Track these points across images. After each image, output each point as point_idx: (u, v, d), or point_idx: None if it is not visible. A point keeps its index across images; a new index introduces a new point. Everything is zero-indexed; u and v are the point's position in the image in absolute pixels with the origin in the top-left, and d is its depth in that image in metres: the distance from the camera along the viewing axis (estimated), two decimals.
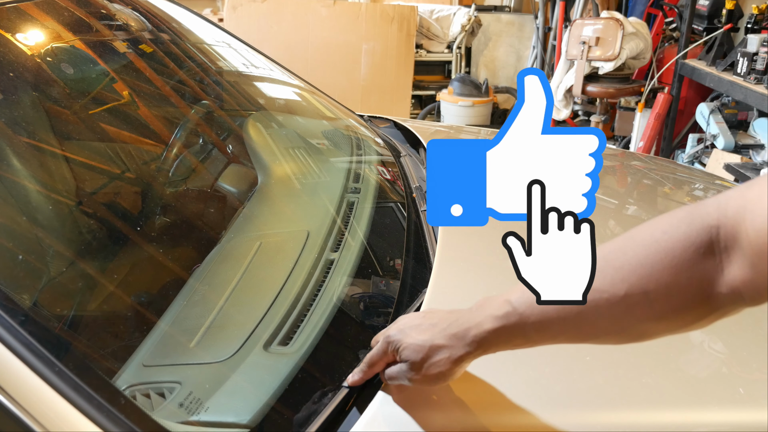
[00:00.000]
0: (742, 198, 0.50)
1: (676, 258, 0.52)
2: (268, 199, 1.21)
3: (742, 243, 0.49)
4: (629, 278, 0.54)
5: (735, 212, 0.50)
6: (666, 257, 0.52)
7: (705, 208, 0.53)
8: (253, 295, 0.94)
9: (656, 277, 0.53)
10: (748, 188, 0.51)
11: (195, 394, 0.74)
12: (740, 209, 0.50)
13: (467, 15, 4.66)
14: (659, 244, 0.53)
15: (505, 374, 0.79)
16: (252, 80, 1.75)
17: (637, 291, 0.54)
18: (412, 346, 0.67)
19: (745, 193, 0.51)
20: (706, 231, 0.51)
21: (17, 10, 1.10)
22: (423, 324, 0.69)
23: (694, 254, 0.52)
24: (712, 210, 0.52)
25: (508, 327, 0.61)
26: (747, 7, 3.33)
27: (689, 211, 0.54)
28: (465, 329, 0.64)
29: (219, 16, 4.53)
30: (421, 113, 4.69)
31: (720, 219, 0.51)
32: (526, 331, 0.60)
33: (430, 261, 1.04)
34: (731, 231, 0.50)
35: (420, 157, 1.60)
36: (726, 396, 0.79)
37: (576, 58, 3.68)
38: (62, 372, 0.62)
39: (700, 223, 0.52)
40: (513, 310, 0.60)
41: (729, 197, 0.52)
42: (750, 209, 0.49)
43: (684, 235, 0.52)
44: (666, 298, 0.53)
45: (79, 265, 0.88)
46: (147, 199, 1.07)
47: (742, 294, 0.51)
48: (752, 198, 0.49)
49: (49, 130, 1.00)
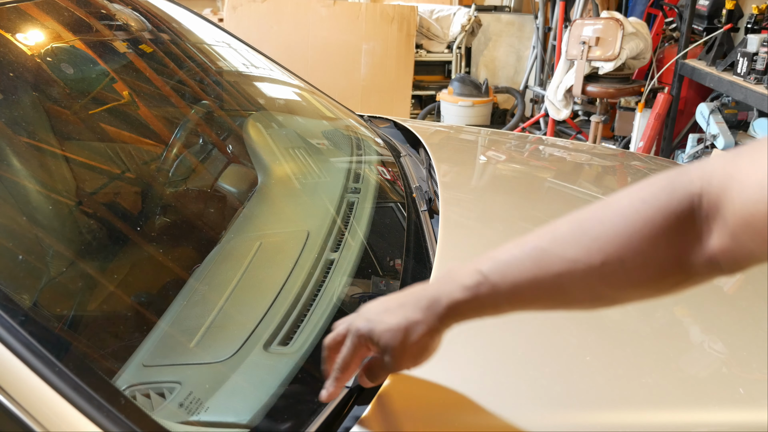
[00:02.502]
0: (729, 167, 0.49)
1: (656, 228, 0.51)
2: (268, 199, 1.21)
3: (725, 213, 0.48)
4: (606, 248, 0.53)
5: (720, 181, 0.49)
6: (645, 227, 0.51)
7: (687, 176, 0.51)
8: (253, 295, 0.94)
9: (634, 247, 0.52)
10: (735, 156, 0.49)
11: (195, 394, 0.74)
12: (726, 178, 0.49)
13: (467, 15, 4.66)
14: (639, 214, 0.52)
15: (506, 374, 0.79)
16: (252, 80, 1.75)
17: (614, 260, 0.52)
18: (388, 332, 0.63)
19: (732, 161, 0.49)
20: (688, 200, 0.50)
21: (17, 10, 1.10)
22: (390, 306, 0.65)
23: (674, 224, 0.50)
24: (695, 178, 0.51)
25: (480, 297, 0.59)
26: (747, 7, 3.33)
27: (671, 179, 0.52)
28: (435, 299, 0.61)
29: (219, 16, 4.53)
30: (421, 113, 4.69)
31: (703, 187, 0.50)
32: (498, 301, 0.59)
33: (430, 261, 1.04)
34: (714, 200, 0.49)
35: (420, 157, 1.60)
36: (726, 396, 0.79)
37: (576, 58, 3.68)
38: (62, 372, 0.62)
39: (682, 192, 0.51)
40: (484, 280, 0.59)
41: (714, 166, 0.50)
42: (737, 179, 0.48)
43: (665, 204, 0.51)
44: (643, 267, 0.52)
45: (79, 265, 0.88)
46: (147, 199, 1.07)
47: (720, 263, 0.50)
48: (740, 167, 0.48)
49: (49, 130, 1.00)
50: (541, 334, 0.88)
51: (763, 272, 1.07)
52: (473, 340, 0.85)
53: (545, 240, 0.57)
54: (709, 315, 0.97)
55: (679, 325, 0.95)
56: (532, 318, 0.91)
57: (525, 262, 0.57)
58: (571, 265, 0.54)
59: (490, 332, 0.88)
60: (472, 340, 0.85)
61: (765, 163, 0.46)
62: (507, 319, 0.91)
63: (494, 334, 0.87)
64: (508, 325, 0.90)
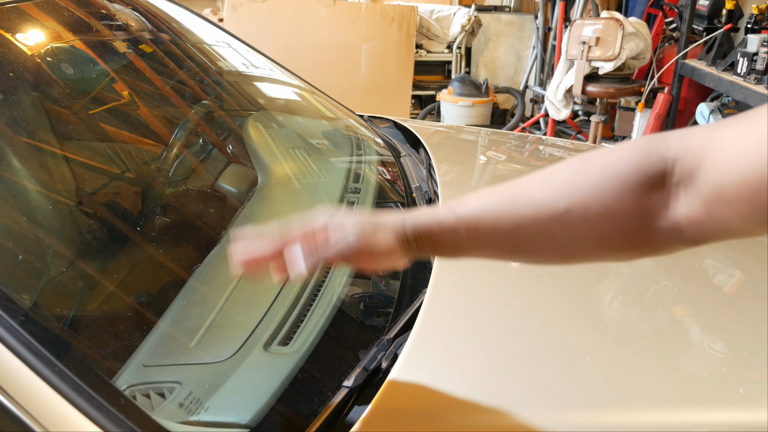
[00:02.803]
0: (708, 137, 0.49)
1: (625, 183, 0.51)
2: (268, 199, 1.21)
3: (698, 180, 0.48)
4: (573, 195, 0.53)
5: (696, 149, 0.49)
6: (614, 180, 0.52)
7: (665, 141, 0.51)
8: (253, 295, 0.94)
9: (600, 197, 0.52)
10: (715, 127, 0.49)
11: (195, 394, 0.74)
12: (704, 147, 0.48)
13: (467, 15, 4.66)
14: (611, 167, 0.52)
15: (506, 374, 0.79)
16: (252, 80, 1.75)
17: (578, 208, 0.53)
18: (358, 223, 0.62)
19: (712, 132, 0.49)
20: (662, 162, 0.50)
21: (17, 10, 1.10)
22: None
23: (644, 182, 0.51)
24: (672, 144, 0.51)
25: (444, 224, 0.60)
26: (747, 7, 3.33)
27: (650, 141, 0.52)
28: (402, 216, 0.63)
29: (219, 16, 4.53)
30: (421, 113, 4.69)
31: (679, 153, 0.50)
32: (459, 235, 0.59)
33: (430, 261, 1.04)
34: (689, 167, 0.49)
35: (420, 157, 1.60)
36: (726, 396, 0.78)
37: (576, 58, 3.68)
38: (62, 372, 0.62)
39: (658, 154, 0.51)
40: (451, 211, 0.60)
41: (694, 133, 0.50)
42: (715, 148, 0.48)
43: (638, 162, 0.51)
44: (606, 219, 0.52)
45: (79, 265, 0.88)
46: (147, 199, 1.07)
47: (684, 232, 0.50)
48: (719, 138, 0.48)
49: (49, 130, 1.00)
50: (541, 334, 0.88)
51: (763, 272, 1.07)
52: (473, 341, 0.85)
53: (519, 184, 0.58)
54: (709, 315, 0.97)
55: (679, 325, 0.95)
56: (533, 318, 0.92)
57: (494, 202, 0.58)
58: (536, 208, 0.55)
59: (490, 332, 0.88)
60: (471, 341, 0.85)
61: (744, 136, 0.46)
62: (507, 319, 0.91)
63: (494, 334, 0.87)
64: (509, 325, 0.90)
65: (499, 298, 0.96)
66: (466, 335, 0.86)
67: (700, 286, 1.06)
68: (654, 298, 1.01)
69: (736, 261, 1.14)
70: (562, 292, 0.98)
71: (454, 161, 1.60)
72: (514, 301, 0.96)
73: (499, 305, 0.94)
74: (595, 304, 0.98)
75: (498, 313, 0.92)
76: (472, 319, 0.90)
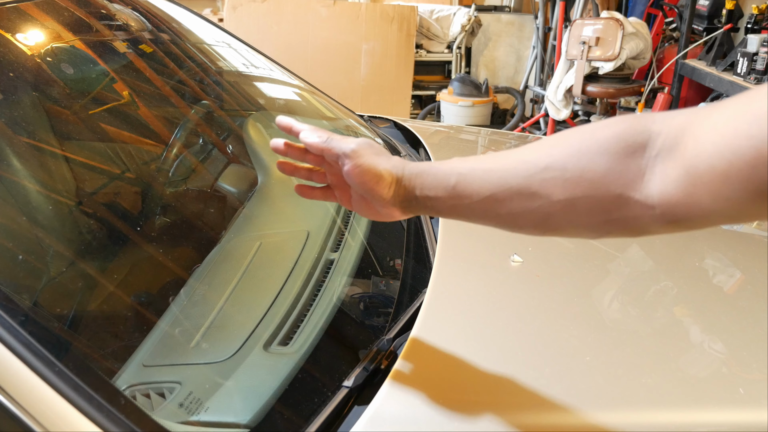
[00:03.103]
0: (693, 114, 0.49)
1: (603, 146, 0.52)
2: (268, 199, 1.21)
3: (675, 154, 0.48)
4: (554, 154, 0.56)
5: (680, 125, 0.49)
6: (594, 143, 0.53)
7: (653, 116, 0.52)
8: (253, 295, 0.94)
9: (578, 158, 0.54)
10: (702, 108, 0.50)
11: (195, 394, 0.74)
12: (686, 123, 0.49)
13: (467, 15, 4.66)
14: (594, 132, 0.54)
15: (506, 374, 0.79)
16: (252, 80, 1.75)
17: (556, 166, 0.55)
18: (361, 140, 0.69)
19: (698, 111, 0.50)
20: (645, 133, 0.51)
21: (17, 10, 1.10)
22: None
23: (622, 149, 0.51)
24: (658, 118, 0.52)
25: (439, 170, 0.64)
26: (747, 7, 3.33)
27: (637, 116, 0.54)
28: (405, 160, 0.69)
29: (219, 16, 4.53)
30: (421, 113, 4.69)
31: (662, 128, 0.50)
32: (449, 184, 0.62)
33: (430, 261, 1.04)
34: (670, 141, 0.49)
35: (420, 157, 1.60)
36: (726, 396, 0.79)
37: (576, 58, 3.68)
38: (62, 372, 0.62)
39: (642, 126, 0.52)
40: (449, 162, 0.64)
41: (681, 112, 0.51)
42: (694, 122, 0.48)
43: (621, 131, 0.52)
44: (581, 180, 0.53)
45: (79, 265, 0.88)
46: (147, 199, 1.07)
47: (656, 207, 0.50)
48: (702, 114, 0.48)
49: (49, 130, 1.00)
50: (541, 334, 0.88)
51: (763, 272, 1.07)
52: (473, 341, 0.85)
53: (514, 149, 0.61)
54: (709, 315, 0.97)
55: (679, 325, 0.95)
56: (533, 318, 0.92)
57: (488, 158, 0.62)
58: (520, 163, 0.58)
59: (490, 332, 0.88)
60: (471, 341, 0.85)
61: (723, 113, 0.46)
62: (507, 319, 0.91)
63: (494, 334, 0.87)
64: (509, 324, 0.90)
65: (499, 299, 0.96)
66: (466, 335, 0.86)
67: (700, 286, 1.06)
68: (654, 298, 1.01)
69: (736, 261, 1.14)
70: (562, 291, 0.98)
71: None
72: (514, 301, 0.96)
73: (499, 305, 0.94)
74: (595, 304, 0.98)
75: (498, 313, 0.92)
76: (472, 319, 0.90)
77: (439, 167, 0.64)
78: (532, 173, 0.56)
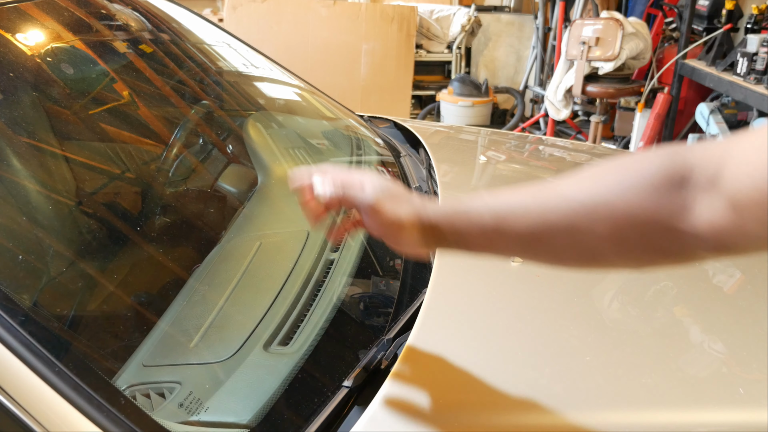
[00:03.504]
0: (729, 145, 0.50)
1: (648, 181, 0.52)
2: (268, 199, 1.21)
3: (717, 186, 0.49)
4: (599, 190, 0.55)
5: (718, 155, 0.50)
6: (638, 178, 0.53)
7: (690, 148, 0.53)
8: (253, 295, 0.94)
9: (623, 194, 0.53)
10: (738, 136, 0.51)
11: (195, 394, 0.74)
12: (724, 153, 0.50)
13: (467, 15, 4.66)
14: (635, 166, 0.54)
15: (505, 374, 0.79)
16: (252, 80, 1.75)
17: (602, 202, 0.54)
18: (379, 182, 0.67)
19: (733, 140, 0.50)
20: (684, 165, 0.51)
21: (17, 10, 1.10)
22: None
23: (665, 182, 0.52)
24: (697, 150, 0.52)
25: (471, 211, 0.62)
26: (747, 7, 3.33)
27: (675, 148, 0.54)
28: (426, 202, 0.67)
29: (219, 16, 4.53)
30: (421, 113, 4.69)
31: (702, 160, 0.51)
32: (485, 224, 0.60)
33: (430, 261, 1.04)
34: (710, 172, 0.50)
35: (420, 157, 1.60)
36: (726, 396, 0.79)
37: (576, 58, 3.68)
38: (62, 372, 0.62)
39: (681, 158, 0.52)
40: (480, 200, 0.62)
41: (717, 143, 0.52)
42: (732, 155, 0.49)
43: (661, 164, 0.53)
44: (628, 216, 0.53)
45: (79, 265, 0.88)
46: (147, 199, 1.07)
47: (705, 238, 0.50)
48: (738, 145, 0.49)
49: (49, 130, 1.00)
50: (541, 334, 0.88)
51: (763, 272, 1.07)
52: (473, 341, 0.85)
53: (549, 182, 0.60)
54: (709, 315, 0.97)
55: (679, 325, 0.95)
56: (533, 318, 0.92)
57: (524, 194, 0.59)
58: (562, 200, 0.56)
59: (490, 332, 0.88)
60: (471, 341, 0.85)
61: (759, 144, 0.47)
62: (507, 319, 0.91)
63: (494, 334, 0.87)
64: (509, 325, 0.90)
65: (499, 299, 0.96)
66: (466, 335, 0.86)
67: (700, 286, 1.06)
68: (654, 298, 1.01)
69: (736, 261, 1.14)
70: (562, 291, 0.98)
71: (454, 161, 1.60)
72: (514, 301, 0.96)
73: (499, 305, 0.94)
74: (595, 304, 0.98)
75: (498, 313, 0.92)
76: (472, 319, 0.90)
77: (470, 206, 0.62)
78: (577, 210, 0.55)
